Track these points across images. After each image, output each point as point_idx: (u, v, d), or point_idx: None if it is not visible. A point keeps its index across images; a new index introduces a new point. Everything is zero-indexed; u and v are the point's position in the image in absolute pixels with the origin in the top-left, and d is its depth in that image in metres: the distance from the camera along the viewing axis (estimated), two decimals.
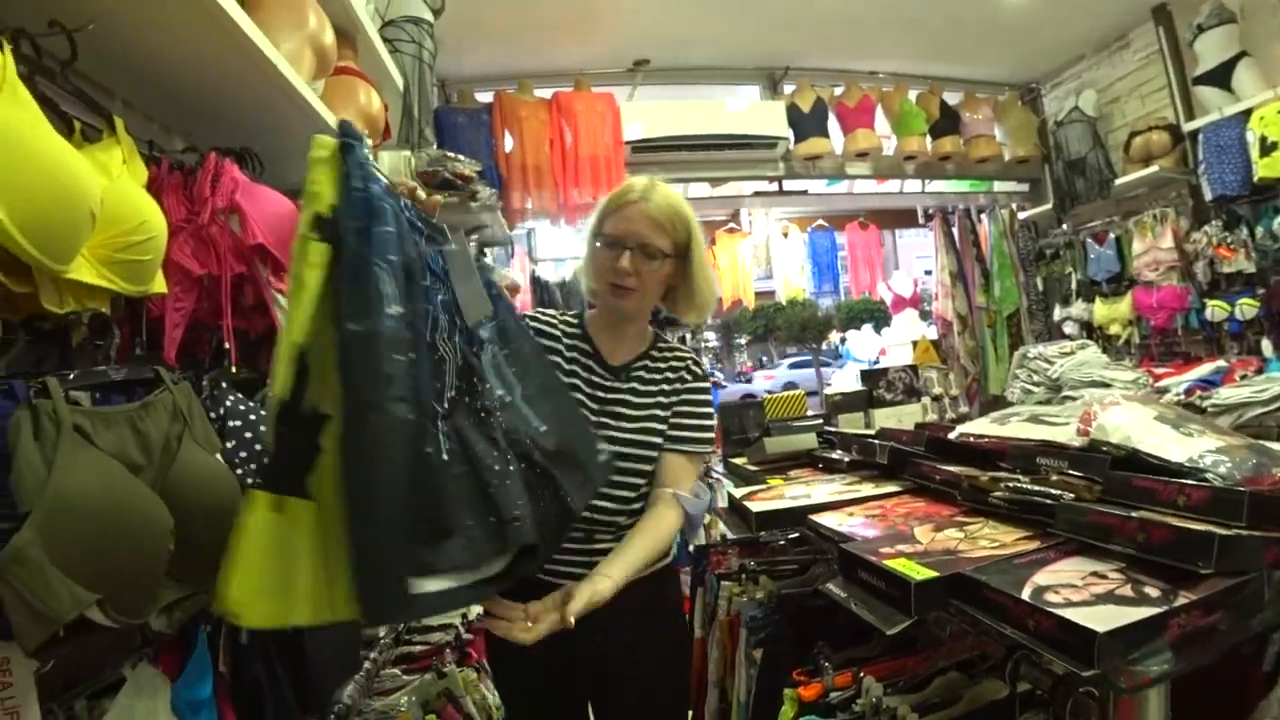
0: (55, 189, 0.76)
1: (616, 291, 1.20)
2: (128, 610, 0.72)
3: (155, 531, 0.75)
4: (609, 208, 1.22)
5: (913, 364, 2.05)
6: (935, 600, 0.77)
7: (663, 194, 1.20)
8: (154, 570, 0.76)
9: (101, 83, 1.19)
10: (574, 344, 1.28)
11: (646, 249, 1.18)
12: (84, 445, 0.74)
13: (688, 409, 1.25)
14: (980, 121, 4.37)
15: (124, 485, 0.74)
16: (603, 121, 3.59)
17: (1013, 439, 1.13)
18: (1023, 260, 4.71)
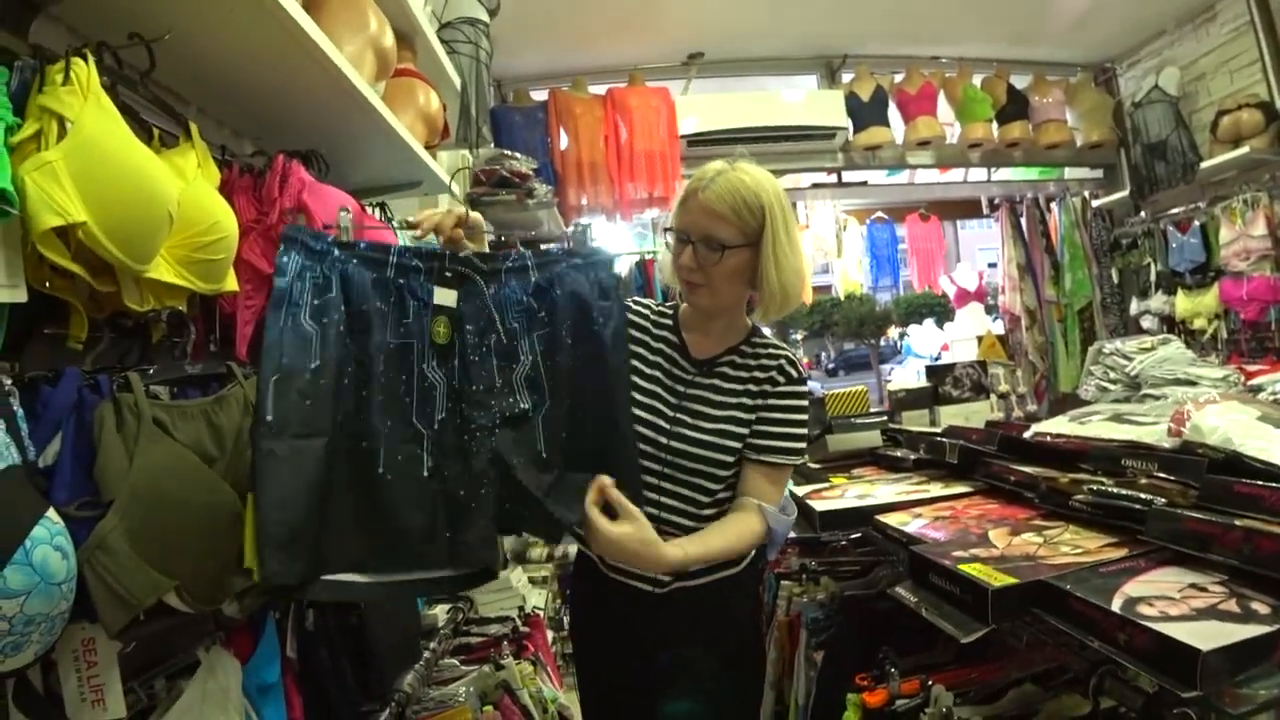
0: (137, 194, 0.79)
1: (687, 287, 1.16)
2: (202, 596, 0.74)
3: (229, 521, 0.78)
4: (680, 198, 1.18)
5: (980, 359, 1.96)
6: (1014, 609, 0.73)
7: (729, 180, 1.11)
8: (226, 558, 0.78)
9: (177, 91, 1.24)
10: (662, 335, 1.24)
11: (708, 241, 1.11)
12: (162, 437, 0.77)
13: (776, 414, 1.14)
14: (1050, 105, 4.15)
15: (199, 476, 0.77)
16: (658, 116, 3.57)
17: (1095, 439, 1.07)
18: (1096, 251, 4.46)
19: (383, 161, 1.72)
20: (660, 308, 1.29)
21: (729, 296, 1.18)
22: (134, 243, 0.80)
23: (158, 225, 0.82)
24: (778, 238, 1.12)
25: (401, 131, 1.60)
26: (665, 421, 1.15)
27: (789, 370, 1.17)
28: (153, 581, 0.68)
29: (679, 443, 1.13)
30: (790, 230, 1.14)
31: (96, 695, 0.74)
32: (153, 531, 0.70)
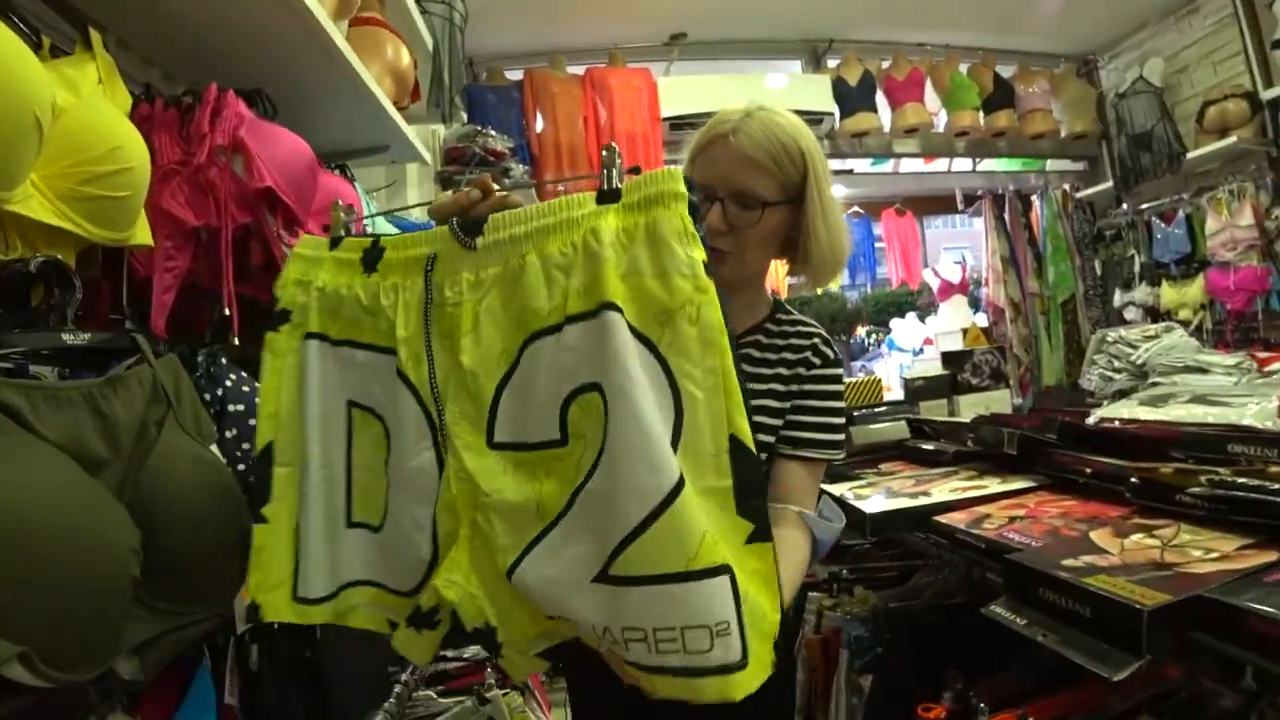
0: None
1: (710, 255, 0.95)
2: (70, 662, 0.52)
3: (112, 552, 0.56)
4: (696, 147, 0.95)
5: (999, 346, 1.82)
6: (1173, 633, 0.56)
7: (763, 122, 0.91)
8: (110, 604, 0.56)
9: (91, 13, 1.02)
10: None
11: (741, 197, 0.90)
12: (13, 431, 0.55)
13: (813, 401, 0.97)
14: (1036, 95, 4.09)
15: (69, 488, 0.55)
16: (639, 97, 3.39)
17: (1183, 424, 0.92)
18: (1079, 243, 4.43)
19: (345, 119, 1.49)
20: None
21: (757, 265, 0.99)
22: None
23: (16, 134, 0.61)
24: (823, 190, 0.94)
25: (368, 81, 1.39)
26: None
27: (824, 350, 0.99)
28: None
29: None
30: (830, 179, 0.96)
31: None
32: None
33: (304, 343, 0.69)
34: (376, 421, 0.69)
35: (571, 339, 0.59)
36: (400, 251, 0.69)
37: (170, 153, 0.92)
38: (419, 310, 0.66)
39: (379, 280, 0.69)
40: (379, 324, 0.68)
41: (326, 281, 0.70)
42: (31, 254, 0.71)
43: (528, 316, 0.61)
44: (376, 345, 0.68)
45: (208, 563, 0.68)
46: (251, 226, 0.95)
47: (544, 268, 0.61)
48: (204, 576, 0.69)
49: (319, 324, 0.69)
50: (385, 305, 0.67)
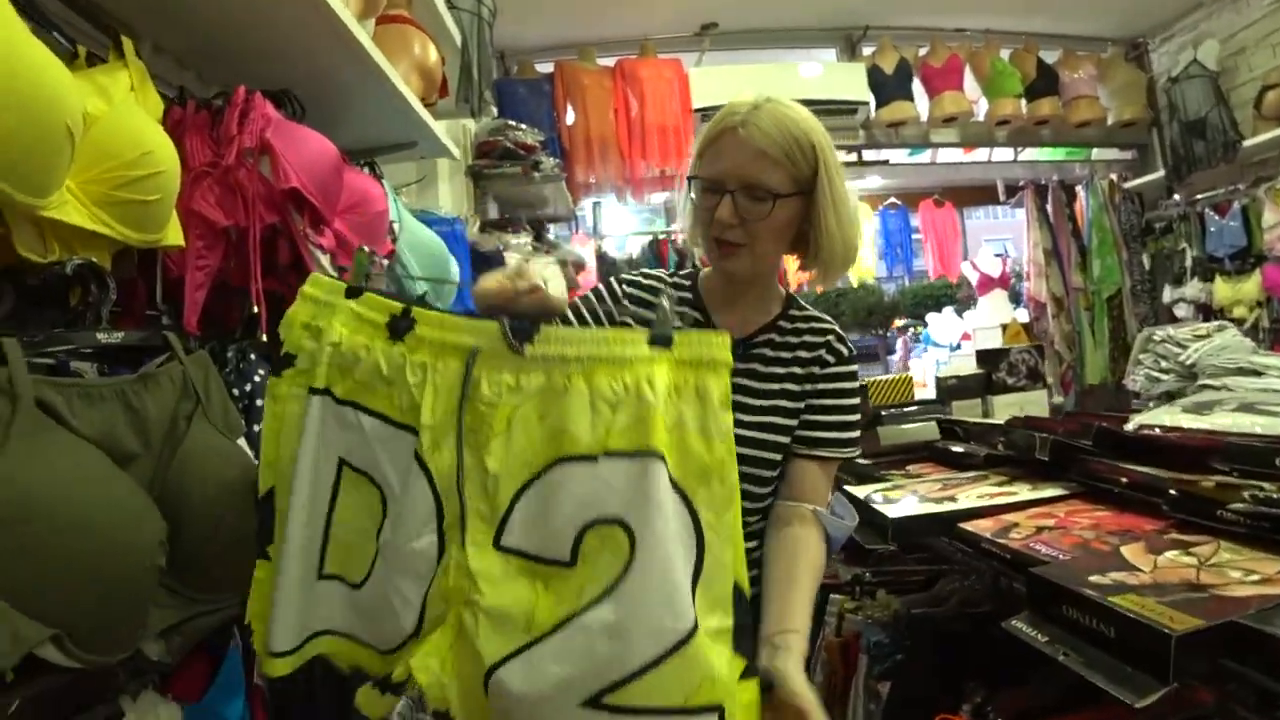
0: (16, 92, 0.59)
1: (721, 249, 0.94)
2: (100, 645, 0.55)
3: (139, 543, 0.58)
4: (705, 140, 0.94)
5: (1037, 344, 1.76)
6: (1201, 659, 0.54)
7: (773, 113, 0.90)
8: (137, 592, 0.59)
9: (127, 21, 1.04)
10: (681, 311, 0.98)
11: (753, 190, 0.89)
12: (49, 427, 0.57)
13: (828, 400, 0.96)
14: (1081, 81, 3.94)
15: (99, 481, 0.57)
16: (670, 89, 3.37)
17: (1228, 434, 0.88)
18: (1126, 236, 4.26)
19: (373, 117, 1.51)
20: (674, 277, 1.06)
21: (770, 258, 0.98)
22: (16, 164, 0.60)
23: (49, 143, 0.63)
24: (834, 182, 0.93)
25: (395, 79, 1.40)
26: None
27: (838, 347, 0.99)
28: (14, 633, 0.48)
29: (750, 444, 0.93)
30: (842, 173, 0.95)
31: None
32: (25, 560, 0.51)
33: (308, 397, 0.67)
34: (372, 488, 0.67)
35: (607, 472, 0.61)
36: (437, 331, 0.67)
37: (201, 155, 0.94)
38: (451, 401, 0.65)
39: (405, 352, 0.67)
40: (395, 396, 0.66)
41: (343, 336, 0.67)
42: (68, 256, 0.73)
43: (564, 438, 0.63)
44: (388, 416, 0.66)
45: (231, 553, 0.70)
46: (279, 226, 0.96)
47: (590, 397, 0.63)
48: (227, 566, 0.71)
49: (325, 378, 0.67)
50: (411, 382, 0.66)
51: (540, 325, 0.65)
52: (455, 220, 1.75)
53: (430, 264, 1.35)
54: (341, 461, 0.67)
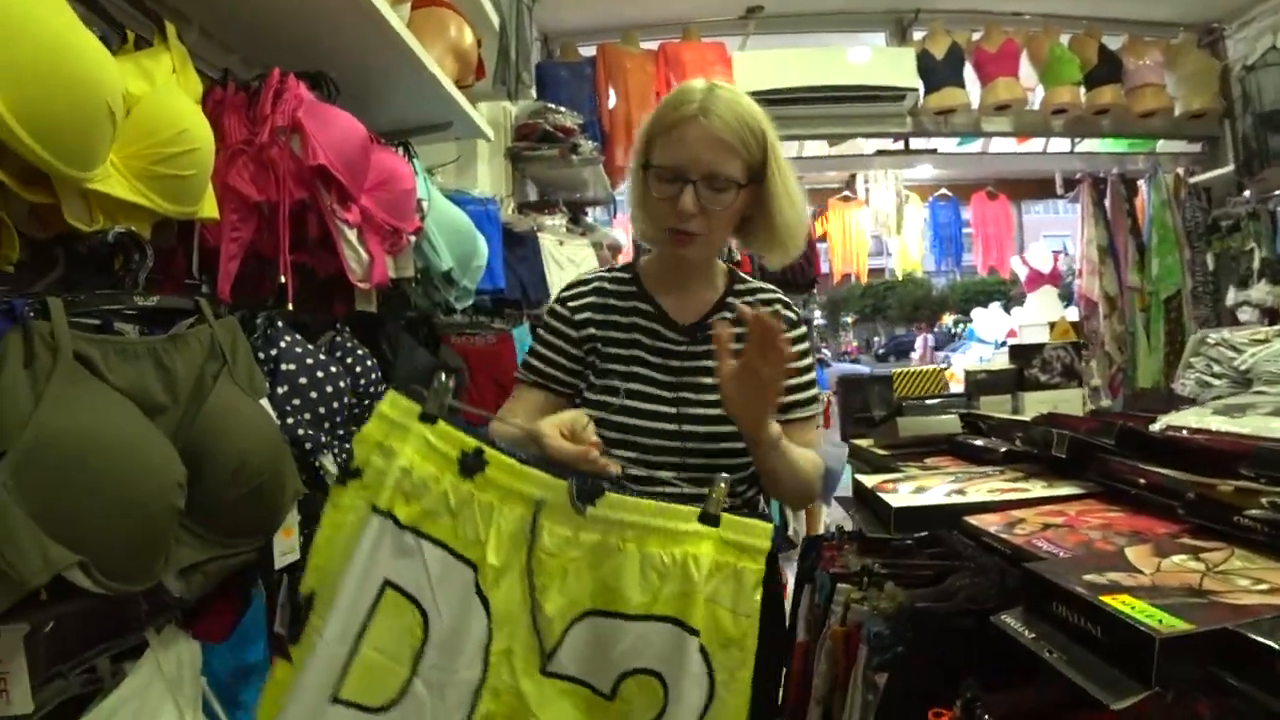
0: (65, 78, 0.64)
1: (678, 239, 0.95)
2: (122, 574, 0.60)
3: (160, 484, 0.63)
4: (658, 126, 0.94)
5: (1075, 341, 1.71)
6: (1188, 665, 0.53)
7: (728, 102, 0.92)
8: (157, 528, 0.63)
9: (177, 7, 1.10)
10: (630, 305, 1.02)
11: (714, 180, 0.91)
12: (86, 378, 0.62)
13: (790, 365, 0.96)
14: (1147, 68, 3.75)
15: (127, 427, 0.62)
16: (713, 73, 3.33)
17: (1260, 438, 0.84)
18: (1189, 234, 4.06)
19: (409, 99, 1.55)
20: (612, 273, 1.06)
21: (720, 243, 1.03)
22: (63, 139, 0.65)
23: (92, 121, 0.67)
24: (782, 167, 0.96)
25: (428, 62, 1.43)
26: (669, 406, 0.98)
27: (786, 314, 1.02)
28: (46, 556, 0.53)
29: (691, 425, 0.97)
30: (785, 159, 0.98)
31: (1, 686, 0.61)
32: (55, 493, 0.56)
33: (370, 515, 0.68)
34: (415, 613, 0.69)
35: (651, 634, 0.70)
36: (506, 477, 0.71)
37: (238, 133, 0.99)
38: (518, 546, 0.70)
39: (473, 490, 0.70)
40: (460, 529, 0.70)
41: (413, 463, 0.69)
42: (111, 226, 0.78)
43: (615, 595, 0.70)
44: (450, 547, 0.70)
45: (249, 502, 0.75)
46: (308, 201, 1.00)
47: (641, 564, 0.70)
48: (245, 513, 0.76)
49: (389, 502, 0.68)
50: (478, 520, 0.70)
51: (604, 490, 0.71)
52: (489, 200, 1.78)
53: (458, 241, 1.38)
54: (386, 583, 0.68)
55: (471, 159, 2.40)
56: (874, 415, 1.45)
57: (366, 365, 1.11)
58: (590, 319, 1.02)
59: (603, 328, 1.01)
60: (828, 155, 4.25)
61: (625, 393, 0.98)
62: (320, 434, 0.96)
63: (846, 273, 5.99)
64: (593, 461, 0.76)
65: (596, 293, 1.04)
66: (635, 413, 0.97)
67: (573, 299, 1.04)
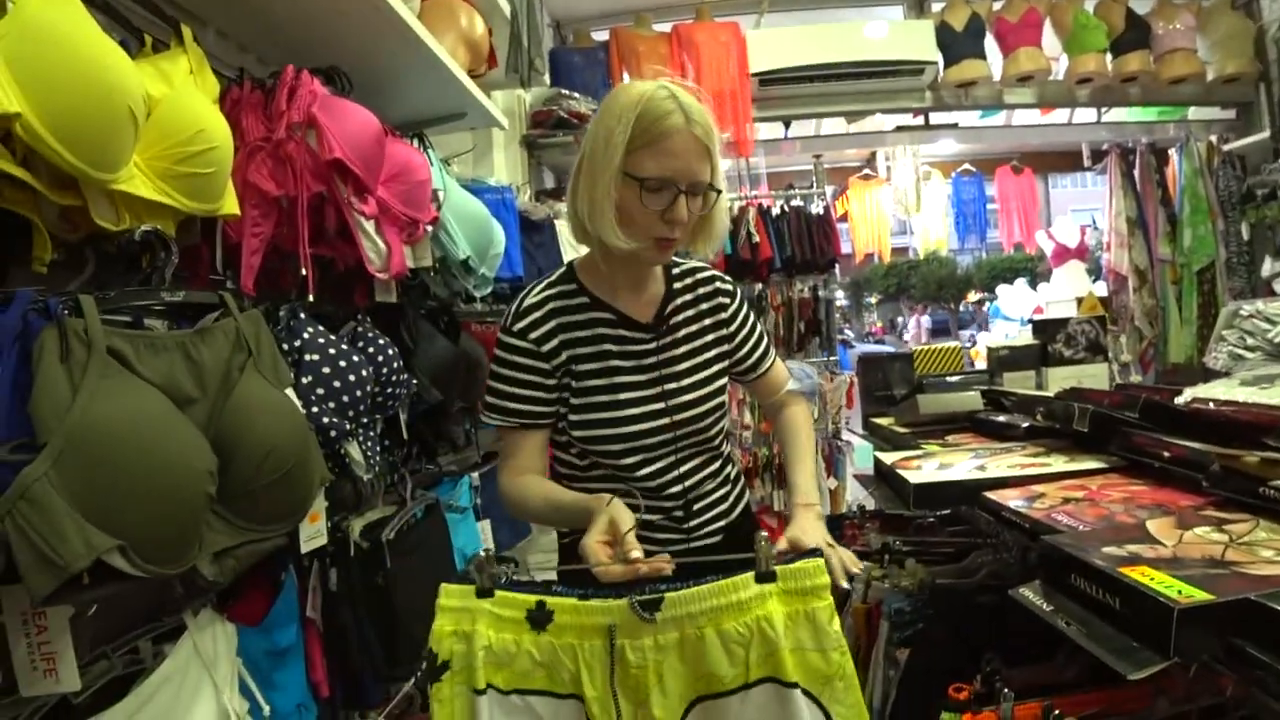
0: (88, 85, 0.66)
1: (661, 246, 0.97)
2: (158, 558, 0.63)
3: (192, 472, 0.65)
4: (642, 138, 0.91)
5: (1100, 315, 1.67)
6: (1207, 636, 0.53)
7: (696, 105, 0.94)
8: (190, 514, 0.66)
9: (193, 10, 1.12)
10: (588, 318, 1.02)
11: (698, 187, 0.95)
12: (118, 371, 0.65)
13: (743, 332, 1.12)
14: (1178, 33, 3.62)
15: (159, 418, 0.64)
16: (727, 53, 3.29)
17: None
18: (1223, 203, 3.93)
19: (422, 90, 1.56)
20: (550, 291, 1.03)
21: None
22: (88, 144, 0.67)
23: (115, 124, 0.69)
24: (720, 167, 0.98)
25: (440, 53, 1.44)
26: (656, 402, 1.03)
27: (724, 287, 1.13)
28: (87, 541, 0.56)
29: (678, 413, 1.04)
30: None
31: (49, 665, 0.64)
32: (94, 481, 0.58)
33: (474, 697, 0.75)
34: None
35: (755, 698, 0.74)
36: (573, 616, 0.76)
37: (256, 130, 1.01)
38: (604, 671, 0.75)
39: (551, 639, 0.76)
40: (556, 674, 0.76)
41: (491, 639, 0.76)
42: (137, 225, 0.80)
43: (711, 679, 0.75)
44: (552, 692, 0.77)
45: (277, 489, 0.78)
46: (325, 195, 1.02)
47: (723, 642, 0.75)
48: (274, 500, 0.79)
49: (486, 677, 0.75)
50: (565, 661, 0.76)
51: (663, 596, 0.75)
52: (505, 189, 1.79)
53: (474, 231, 1.39)
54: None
55: (487, 148, 2.41)
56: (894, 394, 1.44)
57: (388, 354, 1.13)
58: (559, 344, 1.00)
59: (571, 346, 1.01)
60: (847, 133, 4.18)
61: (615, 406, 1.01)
62: (345, 422, 0.98)
63: (869, 252, 5.91)
64: (643, 572, 0.79)
65: (551, 315, 1.01)
66: (630, 419, 1.01)
67: (530, 328, 1.00)
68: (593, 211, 0.95)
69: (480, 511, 1.67)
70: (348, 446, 1.00)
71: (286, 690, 1.06)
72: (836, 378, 3.42)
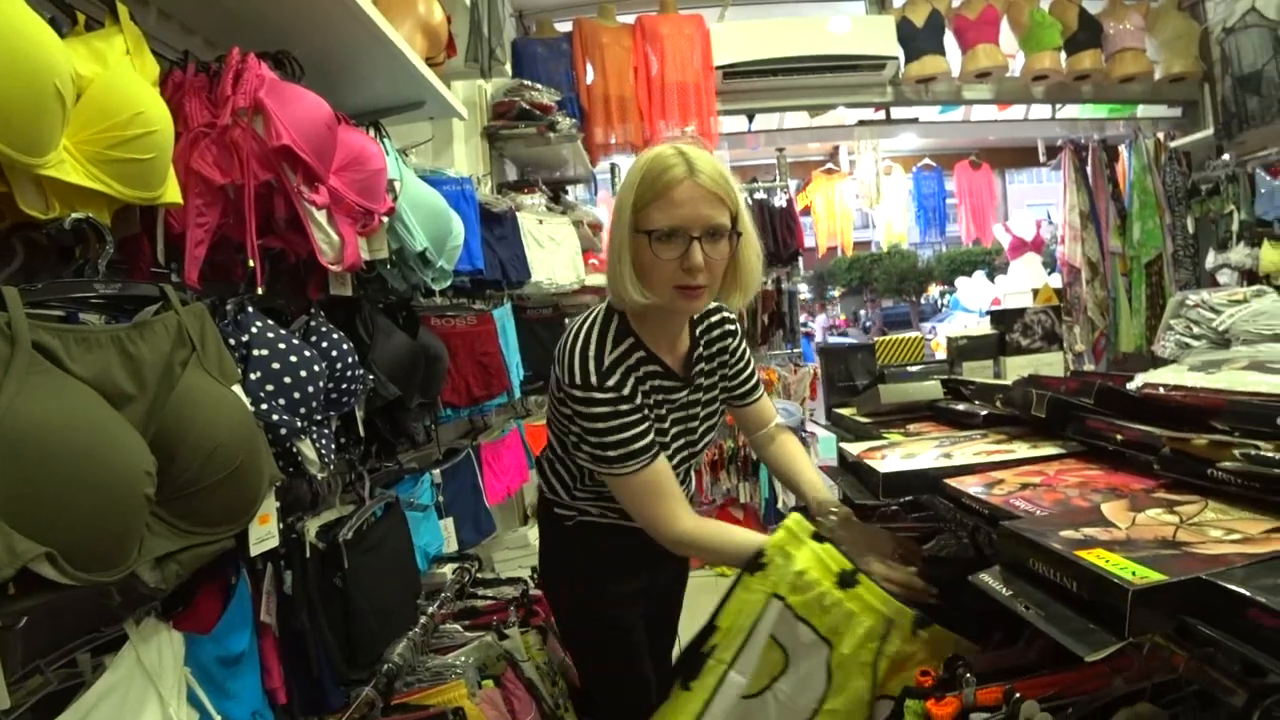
0: (6, 57, 0.62)
1: (687, 294, 1.01)
2: (92, 565, 0.59)
3: (127, 473, 0.62)
4: (648, 194, 0.98)
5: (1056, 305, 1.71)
6: (1160, 616, 0.54)
7: (705, 158, 0.99)
8: (126, 518, 0.62)
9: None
10: (648, 370, 1.10)
11: (714, 232, 0.99)
12: (46, 369, 0.61)
13: (740, 363, 1.23)
14: (1127, 32, 3.73)
15: (91, 417, 0.61)
16: (691, 45, 3.29)
17: (1233, 392, 0.85)
18: (1170, 198, 4.08)
19: (378, 78, 1.52)
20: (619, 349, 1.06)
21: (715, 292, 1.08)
22: (10, 125, 0.63)
23: (40, 104, 0.65)
24: (745, 214, 1.04)
25: (396, 40, 1.40)
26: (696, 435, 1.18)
27: (730, 320, 1.22)
28: (11, 548, 0.52)
29: (692, 448, 1.19)
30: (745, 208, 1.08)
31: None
32: (19, 485, 0.54)
33: (769, 599, 0.93)
34: (782, 656, 0.94)
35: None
36: (870, 597, 0.90)
37: (200, 116, 0.96)
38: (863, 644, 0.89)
39: (843, 599, 0.90)
40: (826, 621, 0.91)
41: (807, 570, 0.92)
42: (68, 213, 0.76)
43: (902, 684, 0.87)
44: (818, 630, 0.92)
45: (223, 489, 0.74)
46: (274, 183, 0.98)
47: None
48: (219, 501, 0.75)
49: (787, 592, 0.93)
50: (840, 619, 0.90)
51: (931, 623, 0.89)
52: (465, 180, 1.75)
53: (432, 222, 1.36)
54: (770, 637, 0.93)
55: (448, 139, 2.36)
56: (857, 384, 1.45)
57: (342, 349, 1.09)
58: (634, 390, 1.06)
59: (643, 395, 1.08)
60: (810, 127, 4.22)
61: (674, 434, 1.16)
62: (296, 419, 0.95)
63: (832, 246, 5.98)
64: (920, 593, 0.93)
65: (628, 371, 1.06)
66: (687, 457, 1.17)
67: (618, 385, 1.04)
68: (612, 271, 1.04)
69: (443, 509, 1.64)
70: (300, 445, 0.96)
71: (241, 698, 1.02)
72: (800, 369, 3.46)
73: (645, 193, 0.99)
